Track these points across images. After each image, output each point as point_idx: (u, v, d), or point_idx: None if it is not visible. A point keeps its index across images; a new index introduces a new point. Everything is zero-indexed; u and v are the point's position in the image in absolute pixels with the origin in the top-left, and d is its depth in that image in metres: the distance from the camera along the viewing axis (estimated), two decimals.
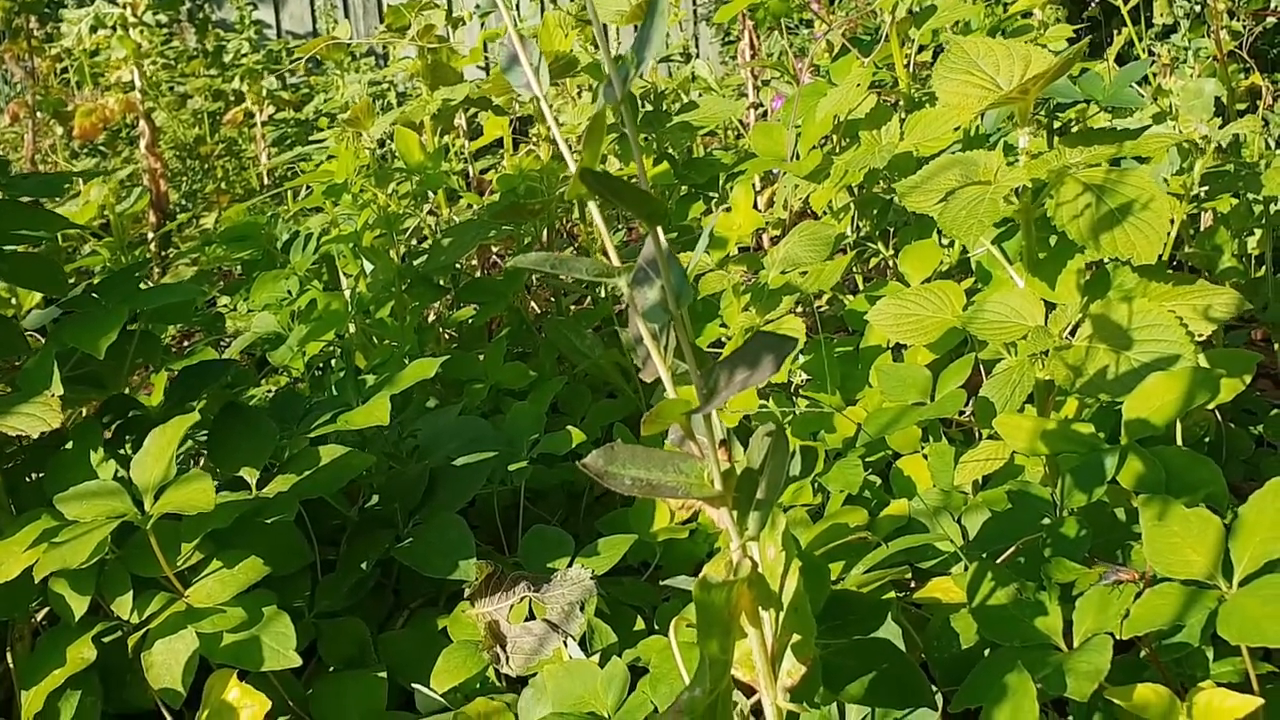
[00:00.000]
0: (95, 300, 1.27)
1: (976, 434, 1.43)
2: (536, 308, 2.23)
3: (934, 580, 1.20)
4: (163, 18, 4.25)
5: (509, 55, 0.73)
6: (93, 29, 3.56)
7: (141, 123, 3.31)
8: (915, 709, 0.88)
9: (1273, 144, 2.58)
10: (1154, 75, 2.57)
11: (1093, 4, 3.11)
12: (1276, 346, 1.98)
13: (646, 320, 0.70)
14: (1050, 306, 1.30)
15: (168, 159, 3.71)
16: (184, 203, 3.84)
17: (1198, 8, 3.05)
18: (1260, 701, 0.82)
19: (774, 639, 0.80)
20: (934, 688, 1.00)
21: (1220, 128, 1.68)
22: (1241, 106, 2.61)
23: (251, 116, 4.04)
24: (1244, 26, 2.82)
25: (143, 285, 1.33)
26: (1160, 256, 1.26)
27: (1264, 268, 1.93)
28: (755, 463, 0.76)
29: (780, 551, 0.83)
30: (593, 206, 0.72)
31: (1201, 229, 2.02)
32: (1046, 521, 1.14)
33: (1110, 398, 1.21)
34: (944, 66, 1.35)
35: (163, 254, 3.11)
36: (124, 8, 3.26)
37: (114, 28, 3.35)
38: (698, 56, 4.99)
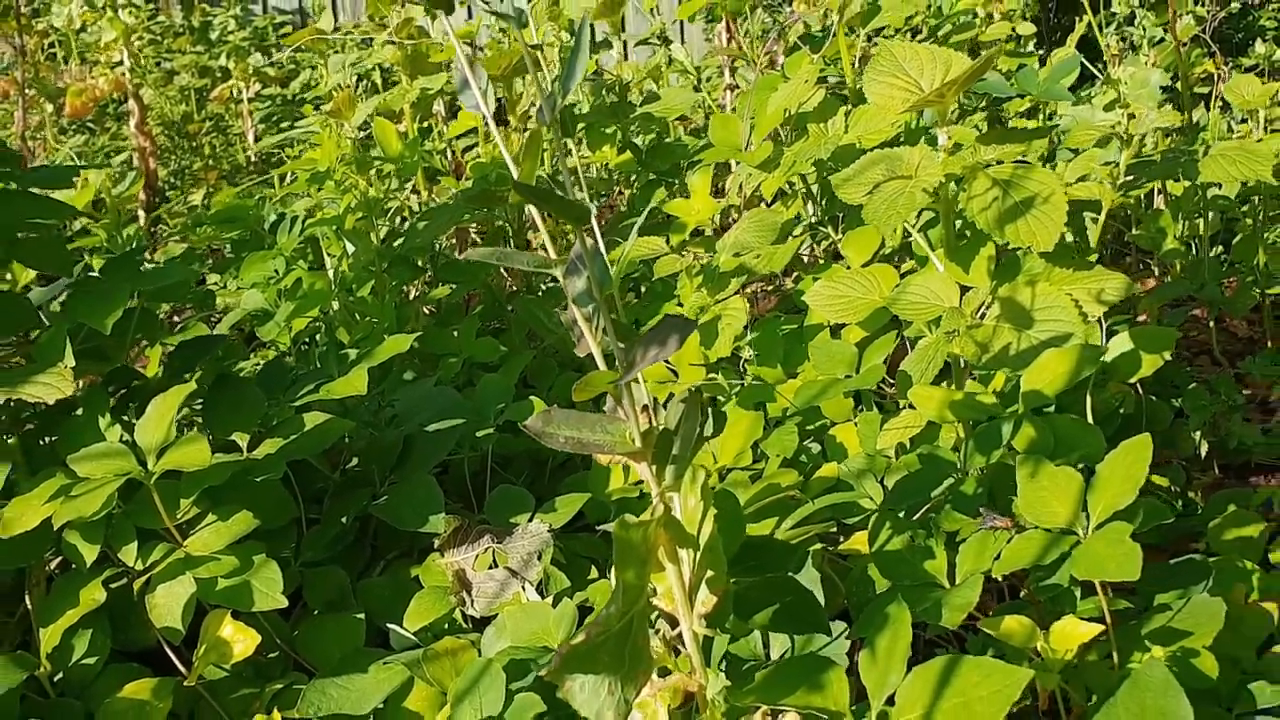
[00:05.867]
0: (99, 280, 1.40)
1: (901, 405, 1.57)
2: (511, 285, 2.36)
3: (856, 534, 1.35)
4: None
5: (461, 78, 0.87)
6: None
7: (130, 101, 3.40)
8: (813, 634, 1.02)
9: (1235, 125, 2.70)
10: (1107, 63, 2.69)
11: None
12: (1212, 325, 2.12)
13: (577, 305, 0.84)
14: (966, 289, 1.44)
15: (155, 136, 3.81)
16: (172, 179, 3.94)
17: None
18: (1102, 628, 0.97)
19: (691, 574, 0.95)
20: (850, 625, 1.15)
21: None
22: (1203, 91, 2.74)
23: (239, 93, 4.13)
24: (1208, 12, 2.93)
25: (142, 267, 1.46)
26: (1080, 244, 1.38)
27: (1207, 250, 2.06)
28: (671, 424, 0.90)
29: (699, 501, 0.97)
30: (533, 209, 0.85)
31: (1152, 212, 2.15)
32: (951, 481, 1.28)
33: (1011, 371, 1.35)
34: (873, 69, 1.47)
35: (152, 230, 3.22)
36: None
37: (104, 8, 3.44)
38: (682, 37, 5.09)
